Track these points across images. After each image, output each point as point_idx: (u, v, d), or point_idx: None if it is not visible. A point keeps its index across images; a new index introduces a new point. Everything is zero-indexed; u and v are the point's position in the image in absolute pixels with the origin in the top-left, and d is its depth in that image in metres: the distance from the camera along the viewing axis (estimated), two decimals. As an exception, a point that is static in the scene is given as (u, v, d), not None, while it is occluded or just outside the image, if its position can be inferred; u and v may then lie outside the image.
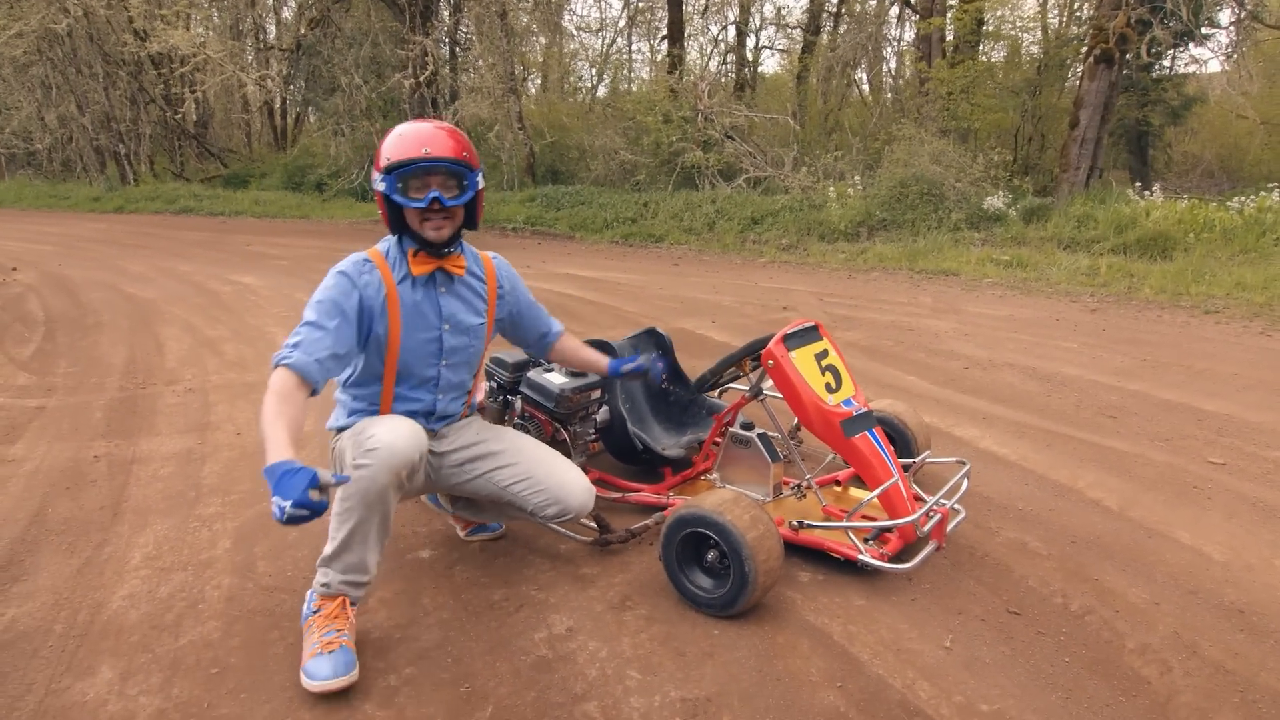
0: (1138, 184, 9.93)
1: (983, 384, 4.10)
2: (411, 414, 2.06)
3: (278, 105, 20.35)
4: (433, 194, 1.92)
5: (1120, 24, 10.76)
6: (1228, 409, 3.65)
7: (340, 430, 2.06)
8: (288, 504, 1.46)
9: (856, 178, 10.86)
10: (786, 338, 2.34)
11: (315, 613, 1.89)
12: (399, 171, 1.92)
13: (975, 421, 3.53)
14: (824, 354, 2.40)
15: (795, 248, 9.66)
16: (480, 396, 3.03)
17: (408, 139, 1.93)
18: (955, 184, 9.79)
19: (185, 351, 4.85)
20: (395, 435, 1.84)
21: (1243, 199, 8.76)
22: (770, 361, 2.31)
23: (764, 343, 2.42)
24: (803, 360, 2.33)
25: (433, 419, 2.14)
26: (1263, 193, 8.79)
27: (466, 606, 2.11)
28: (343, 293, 1.92)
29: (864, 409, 2.34)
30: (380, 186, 1.96)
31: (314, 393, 1.84)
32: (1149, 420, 3.53)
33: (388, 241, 2.08)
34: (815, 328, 2.45)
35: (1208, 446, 3.21)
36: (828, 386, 2.33)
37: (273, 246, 10.21)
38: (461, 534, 2.51)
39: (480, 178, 2.01)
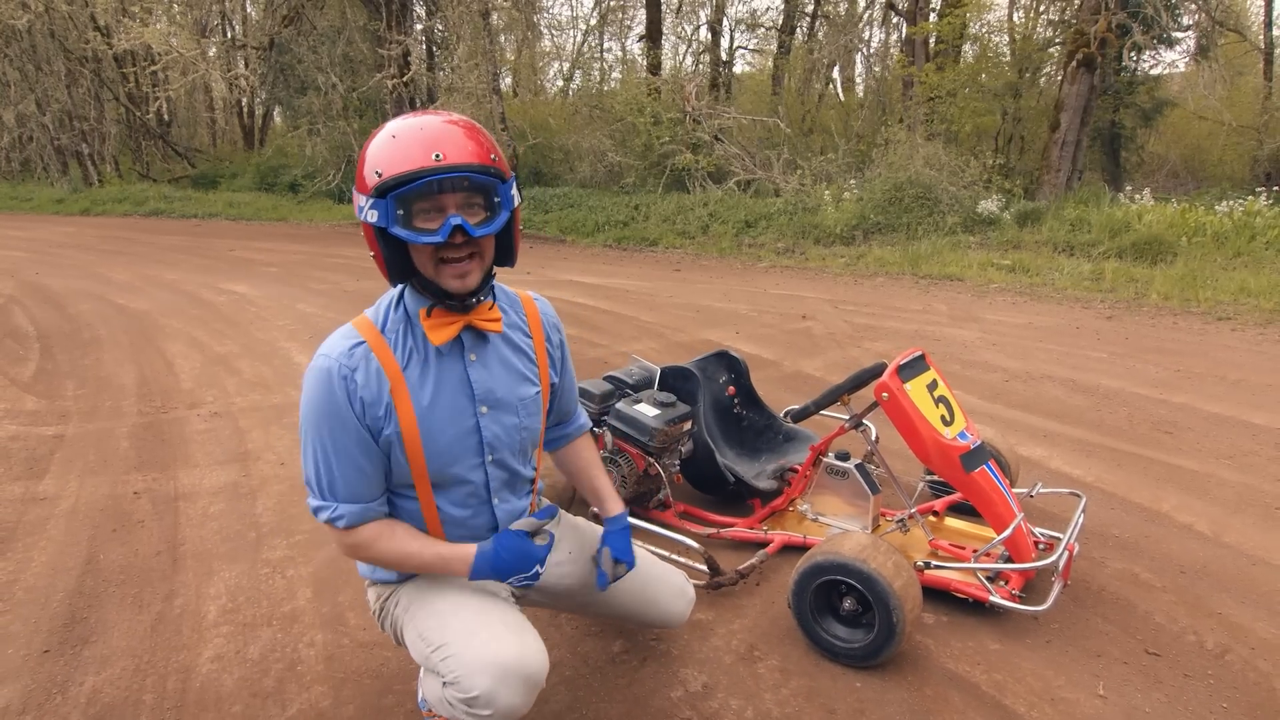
0: (1128, 188, 10.09)
1: (1028, 398, 4.08)
2: (471, 538, 1.55)
3: (246, 104, 19.82)
4: (453, 220, 1.30)
5: (1101, 29, 10.94)
6: (1278, 423, 3.67)
7: (383, 582, 1.60)
8: (537, 568, 1.46)
9: (852, 180, 10.87)
10: (899, 369, 2.26)
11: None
12: (399, 192, 1.30)
13: (1036, 439, 3.50)
14: (934, 384, 2.33)
15: (792, 251, 9.63)
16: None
17: (407, 141, 1.31)
18: (949, 187, 9.86)
19: (198, 370, 4.63)
20: (508, 689, 1.39)
21: (1230, 203, 8.94)
22: (885, 395, 2.23)
23: (873, 374, 2.34)
24: (917, 392, 2.25)
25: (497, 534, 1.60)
26: (1250, 197, 9.00)
27: (587, 661, 1.99)
28: (333, 410, 1.39)
29: (978, 441, 2.28)
30: (370, 216, 1.32)
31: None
32: (1205, 436, 3.53)
33: (383, 303, 1.49)
34: (922, 357, 2.37)
35: (1273, 464, 3.21)
36: (943, 419, 2.26)
37: (258, 252, 9.89)
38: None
39: (516, 190, 1.40)
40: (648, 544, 2.44)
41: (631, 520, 2.38)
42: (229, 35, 17.24)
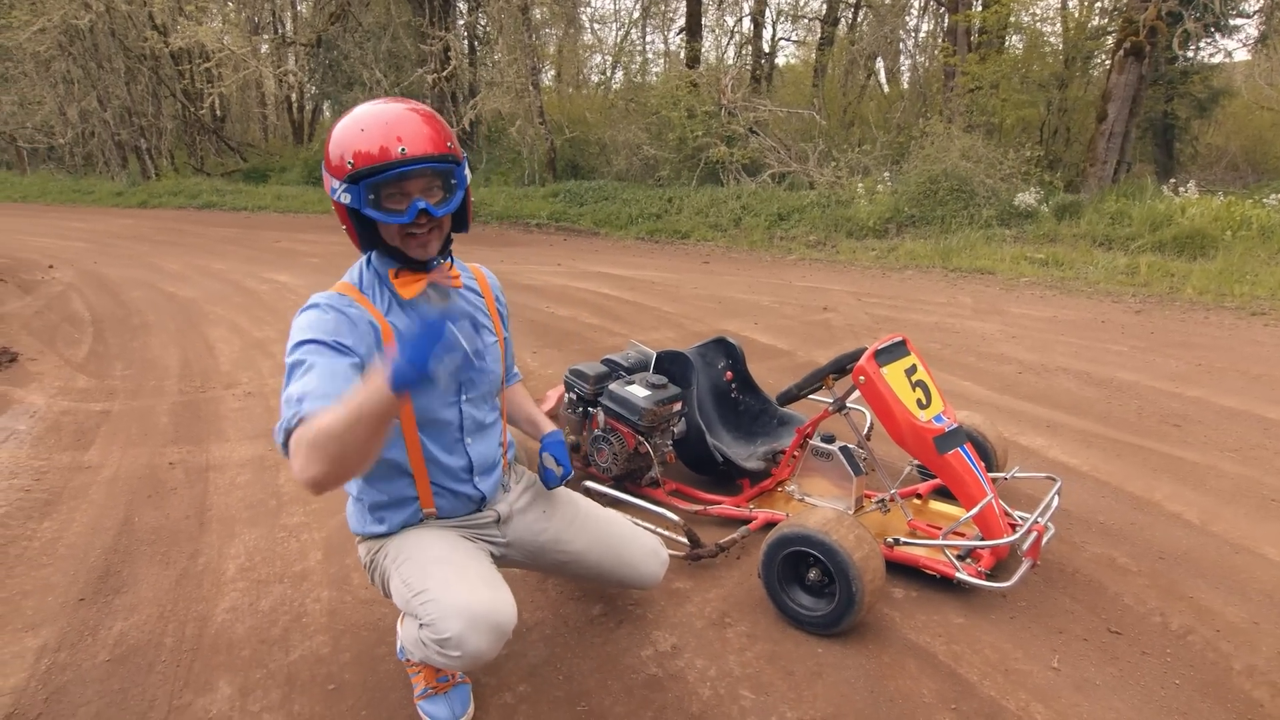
0: (1172, 180, 9.83)
1: (1039, 390, 4.08)
2: (452, 479, 1.73)
3: (295, 99, 20.40)
4: (418, 205, 1.49)
5: (1150, 16, 10.65)
6: (1292, 417, 3.63)
7: (373, 537, 1.74)
8: (450, 327, 1.21)
9: (886, 174, 10.80)
10: (877, 353, 2.34)
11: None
12: (371, 179, 1.47)
13: (1039, 430, 3.52)
14: (913, 369, 2.40)
15: (824, 245, 9.63)
16: (550, 405, 3.05)
17: (373, 132, 1.47)
18: (985, 180, 9.74)
19: (237, 354, 4.89)
20: (477, 635, 1.51)
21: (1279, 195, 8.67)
22: (862, 378, 2.31)
23: (852, 358, 2.42)
24: (894, 376, 2.33)
25: (475, 476, 1.76)
26: (1300, 190, 8.71)
27: (567, 622, 2.13)
28: (324, 331, 1.50)
29: (955, 424, 2.34)
30: (344, 199, 1.50)
31: None
32: (1214, 429, 3.51)
33: (354, 269, 1.66)
34: (903, 343, 2.45)
35: (1278, 457, 3.19)
36: (919, 402, 2.33)
37: (301, 243, 10.25)
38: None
39: (468, 170, 1.59)
40: (632, 516, 2.57)
41: (620, 495, 2.52)
42: (279, 33, 17.78)
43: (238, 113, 22.71)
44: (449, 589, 1.57)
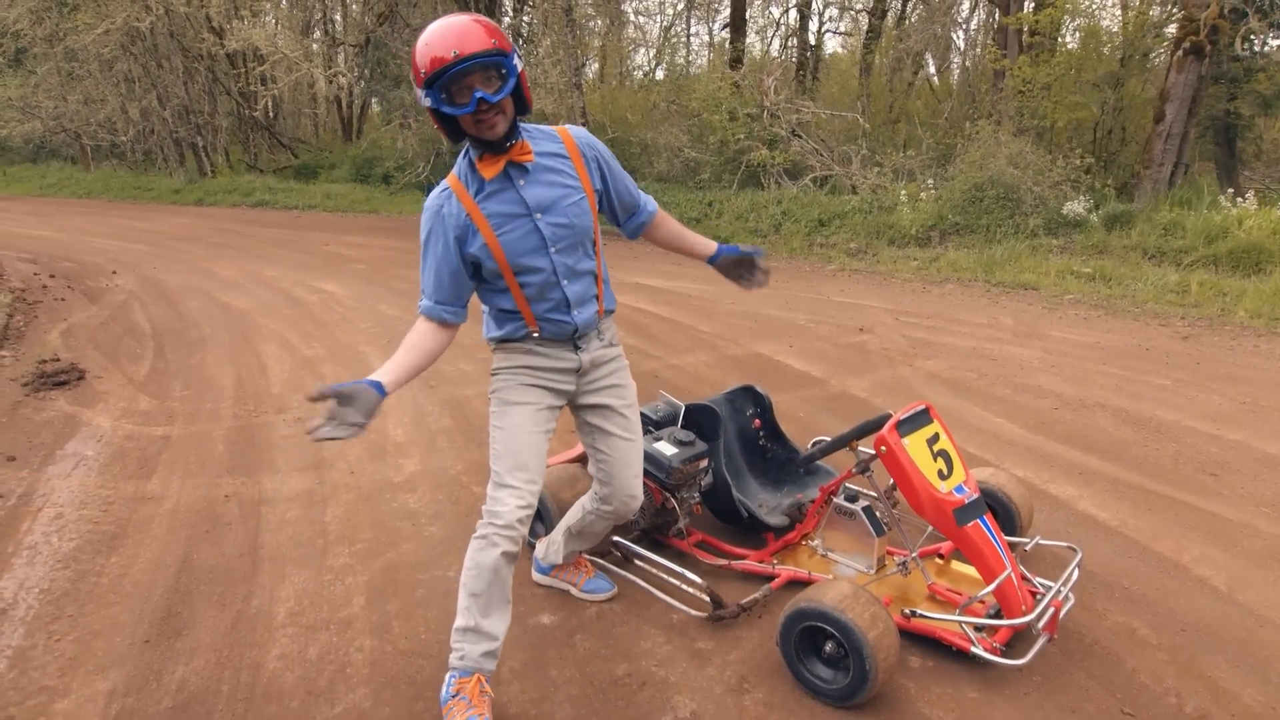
0: (1230, 190, 9.51)
1: (1075, 429, 4.06)
2: (552, 310, 2.11)
3: (344, 98, 20.80)
4: (477, 94, 1.85)
5: (1212, 14, 10.29)
6: (1336, 467, 3.56)
7: (497, 342, 2.21)
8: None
9: (929, 180, 10.64)
10: (899, 424, 2.39)
11: (455, 696, 2.02)
12: (439, 81, 1.85)
13: (1071, 477, 3.52)
14: (935, 438, 2.44)
15: (864, 253, 9.57)
16: (576, 453, 3.16)
17: (435, 44, 1.84)
18: (1033, 188, 9.55)
19: (287, 374, 5.10)
20: (518, 479, 2.06)
21: (1345, 207, 8.34)
22: (883, 448, 2.36)
23: (875, 425, 2.47)
24: (915, 446, 2.38)
25: (572, 311, 2.13)
26: (1367, 201, 8.37)
27: (592, 681, 2.23)
28: (432, 237, 2.04)
29: (975, 495, 2.38)
30: (427, 102, 1.90)
31: (458, 324, 2.11)
32: (1252, 479, 3.47)
33: (460, 160, 2.08)
34: (926, 411, 2.49)
35: (1317, 514, 3.15)
36: (940, 473, 2.38)
37: (349, 246, 10.53)
38: (575, 591, 2.65)
39: (517, 59, 1.91)
40: (657, 570, 2.67)
41: (644, 552, 2.63)
42: (328, 32, 18.13)
43: (290, 109, 23.23)
44: (513, 459, 2.11)
